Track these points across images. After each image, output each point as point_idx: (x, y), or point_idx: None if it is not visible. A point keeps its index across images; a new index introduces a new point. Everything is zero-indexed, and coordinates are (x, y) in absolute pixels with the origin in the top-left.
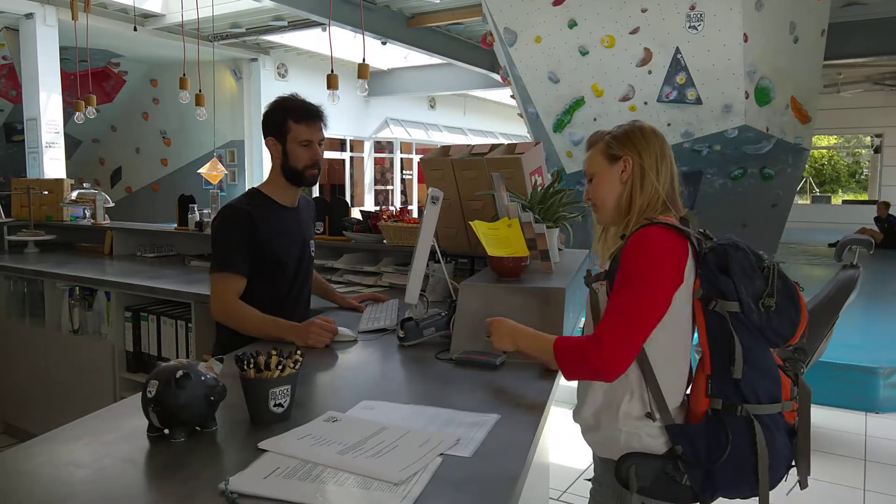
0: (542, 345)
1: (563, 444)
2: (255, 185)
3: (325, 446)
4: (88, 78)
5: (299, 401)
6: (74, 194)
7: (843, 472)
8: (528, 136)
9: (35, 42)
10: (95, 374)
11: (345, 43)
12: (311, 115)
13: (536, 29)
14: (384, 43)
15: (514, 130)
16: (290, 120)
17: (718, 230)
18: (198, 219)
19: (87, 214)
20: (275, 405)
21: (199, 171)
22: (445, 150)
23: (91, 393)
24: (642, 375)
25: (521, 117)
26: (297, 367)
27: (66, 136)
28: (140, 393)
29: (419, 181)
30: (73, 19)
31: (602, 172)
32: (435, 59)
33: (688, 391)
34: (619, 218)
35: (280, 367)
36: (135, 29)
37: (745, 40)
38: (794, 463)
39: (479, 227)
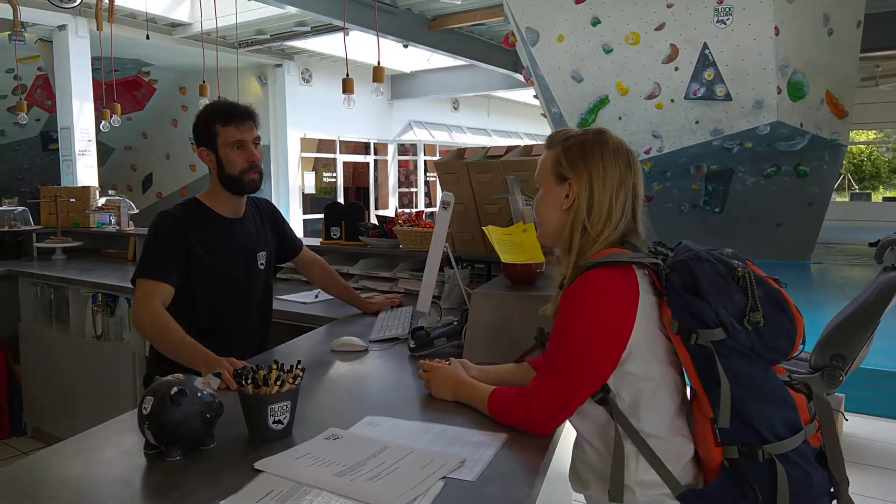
0: (479, 399)
1: None
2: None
3: (324, 467)
4: (116, 87)
5: (301, 415)
6: (102, 201)
7: (885, 485)
8: None
9: (67, 53)
10: (118, 379)
11: (368, 46)
12: (237, 114)
13: (559, 28)
14: (406, 46)
15: (539, 130)
16: (217, 124)
17: (751, 230)
18: None
19: (113, 221)
20: (274, 422)
21: None
22: (461, 152)
23: (114, 397)
24: (632, 442)
25: (545, 117)
26: (296, 382)
27: (100, 143)
28: (136, 410)
29: None
30: (98, 29)
31: (547, 189)
32: (458, 61)
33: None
34: (560, 243)
35: (279, 382)
36: (147, 37)
37: (777, 34)
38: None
39: (492, 232)
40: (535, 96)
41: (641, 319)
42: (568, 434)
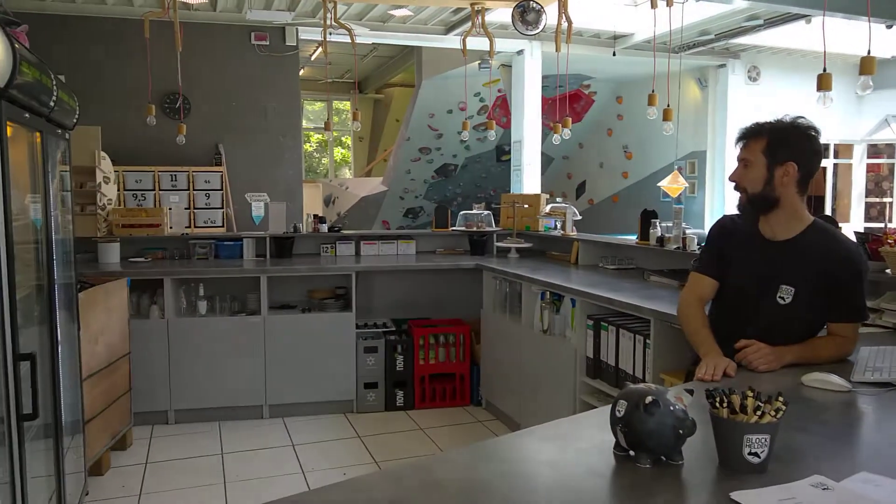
0: None
1: None
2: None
3: None
4: (566, 101)
5: (777, 453)
6: (548, 207)
7: None
8: None
9: (523, 74)
10: (558, 373)
11: (831, 34)
12: (738, 136)
13: None
14: (889, 27)
15: None
16: None
17: None
18: (659, 234)
19: (558, 226)
20: (750, 453)
21: (659, 183)
22: None
23: (554, 388)
24: None
25: None
26: (778, 416)
27: (542, 154)
28: (608, 408)
29: None
30: (556, 51)
31: None
32: None
33: None
34: None
35: (758, 412)
36: (613, 54)
37: None
38: None
39: None
40: None
41: None
42: None
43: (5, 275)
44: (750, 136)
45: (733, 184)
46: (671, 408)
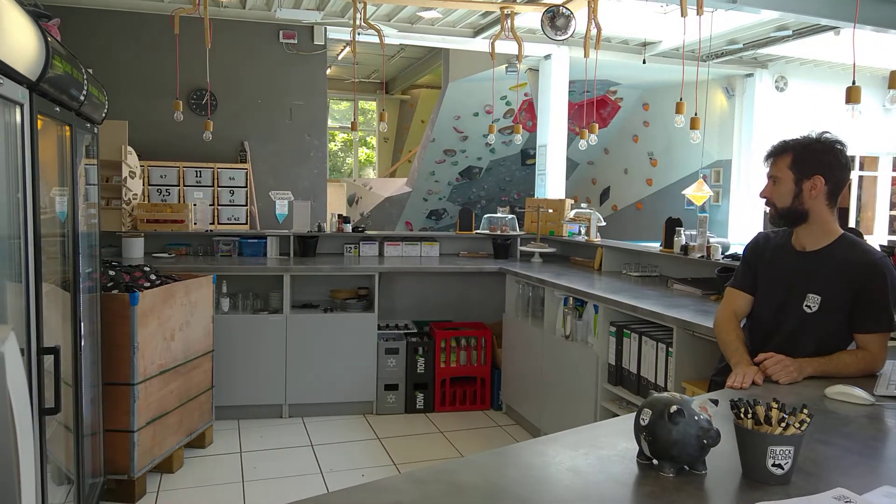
0: None
1: None
2: None
3: None
4: (593, 107)
5: (800, 465)
6: (573, 213)
7: None
8: None
9: (550, 79)
10: (580, 379)
11: (859, 46)
12: (766, 154)
13: None
14: None
15: None
16: None
17: None
18: (684, 242)
19: (582, 231)
20: (773, 465)
21: (683, 191)
22: None
23: (575, 394)
24: None
25: None
26: (802, 428)
27: (567, 159)
28: (631, 416)
29: None
30: (584, 56)
31: None
32: None
33: None
34: None
35: (783, 423)
36: (644, 62)
37: None
38: None
39: None
40: None
41: None
42: None
43: (32, 268)
44: (776, 153)
45: (764, 200)
46: (696, 417)
